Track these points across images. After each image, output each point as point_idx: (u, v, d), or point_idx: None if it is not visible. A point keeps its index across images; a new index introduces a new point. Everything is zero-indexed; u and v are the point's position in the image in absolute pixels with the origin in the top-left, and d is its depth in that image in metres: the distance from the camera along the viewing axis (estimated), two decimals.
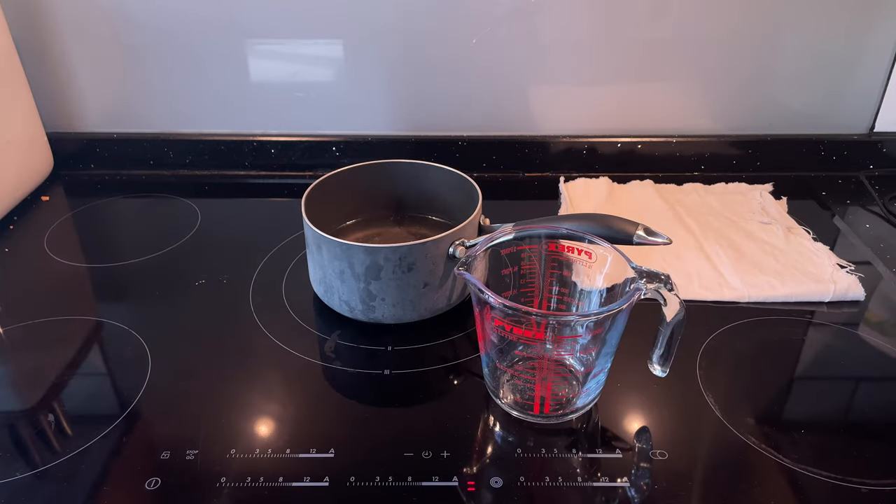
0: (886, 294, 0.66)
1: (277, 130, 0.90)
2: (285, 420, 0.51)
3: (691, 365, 0.57)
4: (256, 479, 0.46)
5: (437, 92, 0.87)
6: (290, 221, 0.78)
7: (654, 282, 0.47)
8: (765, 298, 0.64)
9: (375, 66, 0.86)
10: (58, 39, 0.84)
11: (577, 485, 0.46)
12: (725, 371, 0.56)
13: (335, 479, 0.46)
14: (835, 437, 0.51)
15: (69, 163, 0.90)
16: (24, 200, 0.82)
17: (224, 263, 0.70)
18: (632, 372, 0.55)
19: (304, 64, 0.86)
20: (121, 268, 0.70)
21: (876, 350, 0.60)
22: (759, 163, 0.89)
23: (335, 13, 0.82)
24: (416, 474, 0.47)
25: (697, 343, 0.59)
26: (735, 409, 0.52)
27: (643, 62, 0.85)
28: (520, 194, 0.87)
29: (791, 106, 0.88)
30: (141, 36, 0.84)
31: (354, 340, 0.60)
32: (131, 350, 0.59)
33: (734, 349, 0.59)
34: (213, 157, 0.90)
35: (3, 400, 0.54)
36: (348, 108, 0.89)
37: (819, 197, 0.85)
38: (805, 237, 0.73)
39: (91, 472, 0.47)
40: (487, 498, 0.45)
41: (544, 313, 0.50)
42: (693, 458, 0.48)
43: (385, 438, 0.50)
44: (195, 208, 0.82)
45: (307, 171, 0.91)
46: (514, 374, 0.53)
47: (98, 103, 0.89)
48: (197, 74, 0.86)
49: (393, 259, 0.56)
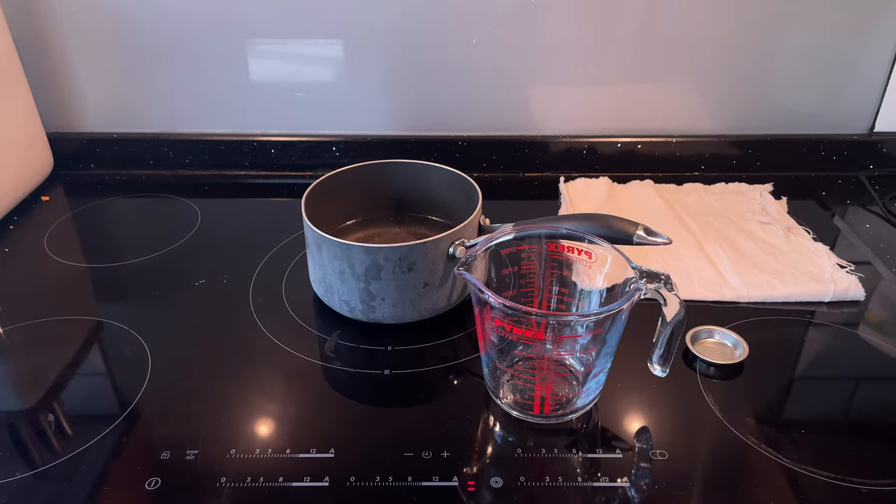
0: (886, 294, 0.66)
1: (277, 130, 0.90)
2: (285, 420, 0.51)
3: (691, 365, 0.57)
4: (256, 479, 0.46)
5: (437, 92, 0.87)
6: (290, 221, 0.78)
7: (654, 282, 0.47)
8: (765, 298, 0.64)
9: (375, 66, 0.86)
10: (58, 39, 0.84)
11: (577, 485, 0.46)
12: (725, 371, 0.56)
13: (335, 479, 0.46)
14: (835, 437, 0.51)
15: (69, 163, 0.90)
16: (24, 200, 0.82)
17: (224, 263, 0.70)
18: (632, 372, 0.55)
19: (304, 64, 0.86)
20: (121, 268, 0.70)
21: (876, 350, 0.60)
22: (759, 163, 0.89)
23: (335, 13, 0.82)
24: (416, 474, 0.47)
25: None
26: (735, 409, 0.52)
27: (643, 62, 0.85)
28: (520, 194, 0.87)
29: (791, 106, 0.88)
30: (141, 36, 0.84)
31: (354, 340, 0.60)
32: (131, 350, 0.59)
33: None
34: (213, 157, 0.90)
35: (3, 400, 0.54)
36: (348, 108, 0.89)
37: (819, 197, 0.85)
38: (805, 237, 0.73)
39: (91, 472, 0.47)
40: (487, 498, 0.45)
41: (544, 313, 0.50)
42: (693, 458, 0.48)
43: (385, 438, 0.50)
44: (195, 208, 0.82)
45: (307, 171, 0.91)
46: (514, 374, 0.53)
47: (98, 103, 0.89)
48: (197, 74, 0.86)
49: (393, 259, 0.56)
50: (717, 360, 0.56)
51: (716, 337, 0.59)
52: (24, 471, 0.48)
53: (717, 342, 0.59)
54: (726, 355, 0.57)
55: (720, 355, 0.57)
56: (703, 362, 0.56)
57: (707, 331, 0.59)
